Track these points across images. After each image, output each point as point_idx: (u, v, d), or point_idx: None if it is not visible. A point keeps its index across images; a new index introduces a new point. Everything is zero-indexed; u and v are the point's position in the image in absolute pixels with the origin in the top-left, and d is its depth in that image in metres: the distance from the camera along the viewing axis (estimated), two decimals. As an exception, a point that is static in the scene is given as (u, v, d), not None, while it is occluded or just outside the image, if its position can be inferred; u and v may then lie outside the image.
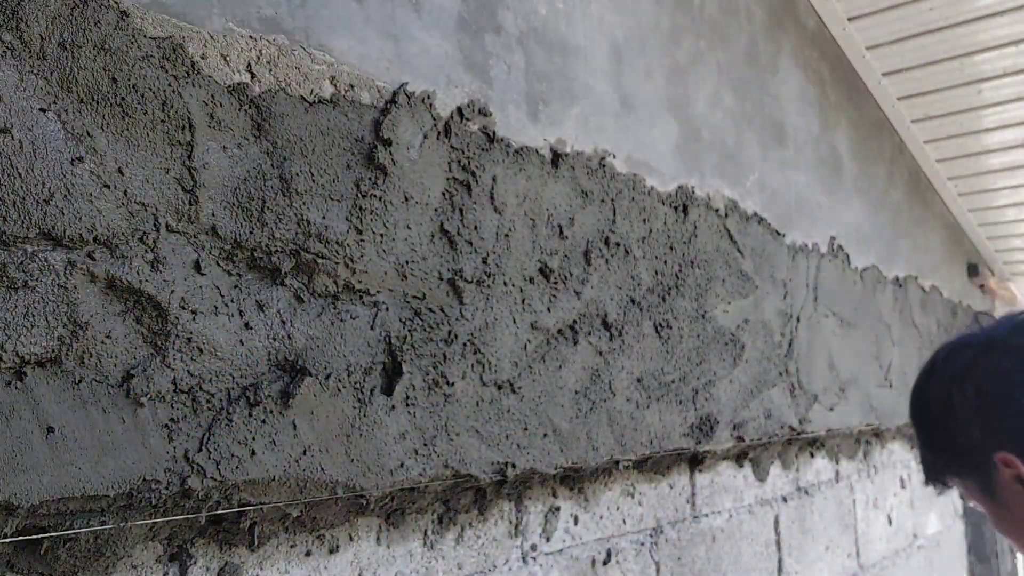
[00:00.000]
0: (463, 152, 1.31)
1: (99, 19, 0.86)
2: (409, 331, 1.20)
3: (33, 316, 0.81)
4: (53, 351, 0.82)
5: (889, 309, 3.11)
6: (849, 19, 2.85)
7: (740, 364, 2.05)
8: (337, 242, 1.10)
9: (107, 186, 0.87)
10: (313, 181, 1.08)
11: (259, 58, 1.03)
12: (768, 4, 2.47)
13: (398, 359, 1.18)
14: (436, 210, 1.25)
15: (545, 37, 1.53)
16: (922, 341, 3.45)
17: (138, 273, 0.89)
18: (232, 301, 0.99)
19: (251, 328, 1.01)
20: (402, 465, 1.16)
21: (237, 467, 0.97)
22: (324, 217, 1.09)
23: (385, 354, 1.17)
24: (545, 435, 1.42)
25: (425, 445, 1.20)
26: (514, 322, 1.38)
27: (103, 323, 0.87)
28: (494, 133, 1.37)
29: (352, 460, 1.10)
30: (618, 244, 1.64)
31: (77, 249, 0.85)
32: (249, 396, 1.00)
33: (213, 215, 0.97)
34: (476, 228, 1.32)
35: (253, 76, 1.02)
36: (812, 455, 2.64)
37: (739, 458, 2.19)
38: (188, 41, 0.95)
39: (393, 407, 1.16)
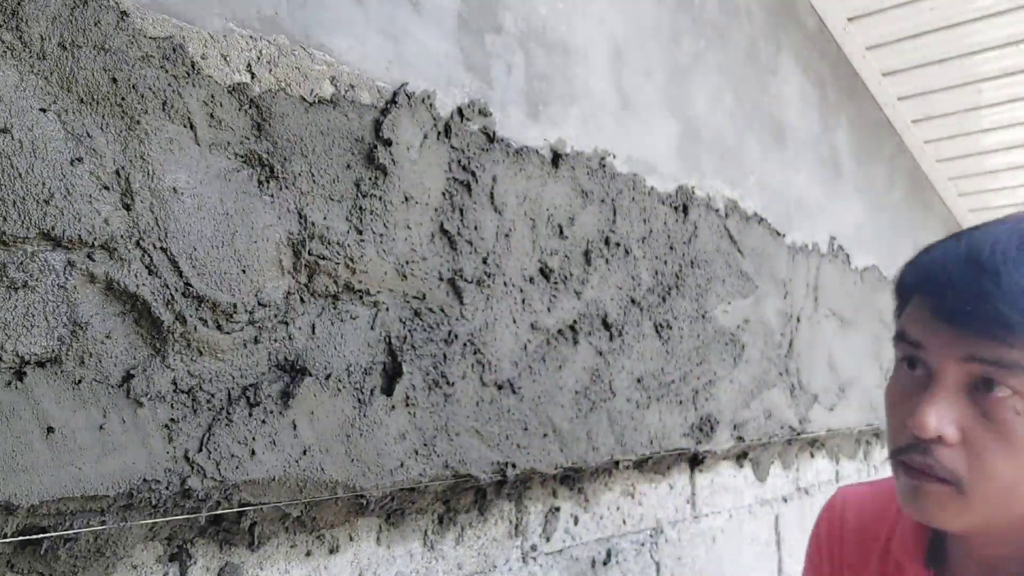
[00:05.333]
0: (463, 152, 1.31)
1: (99, 19, 0.86)
2: (409, 331, 1.20)
3: (33, 316, 0.81)
4: (53, 351, 0.82)
5: (889, 309, 3.11)
6: (849, 19, 2.85)
7: (740, 364, 2.05)
8: (337, 242, 1.10)
9: (106, 187, 0.87)
10: (313, 181, 1.08)
11: (259, 58, 1.03)
12: (768, 4, 2.47)
13: (398, 359, 1.18)
14: (436, 210, 1.25)
15: (545, 37, 1.53)
16: (922, 341, 3.44)
17: (136, 276, 0.89)
18: (232, 301, 0.99)
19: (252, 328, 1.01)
20: (402, 465, 1.16)
21: (237, 467, 0.97)
22: (325, 218, 1.09)
23: (385, 354, 1.17)
24: (545, 435, 1.42)
25: (425, 445, 1.20)
26: (514, 322, 1.38)
27: (103, 323, 0.87)
28: (494, 133, 1.37)
29: (352, 460, 1.10)
30: (618, 244, 1.63)
31: (77, 250, 0.85)
32: (249, 396, 1.00)
33: (213, 215, 0.97)
34: (476, 228, 1.32)
35: (253, 76, 1.02)
36: (812, 455, 2.64)
37: (739, 458, 2.19)
38: (188, 41, 0.95)
39: (393, 407, 1.16)
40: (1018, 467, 0.74)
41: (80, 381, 0.84)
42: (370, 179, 1.15)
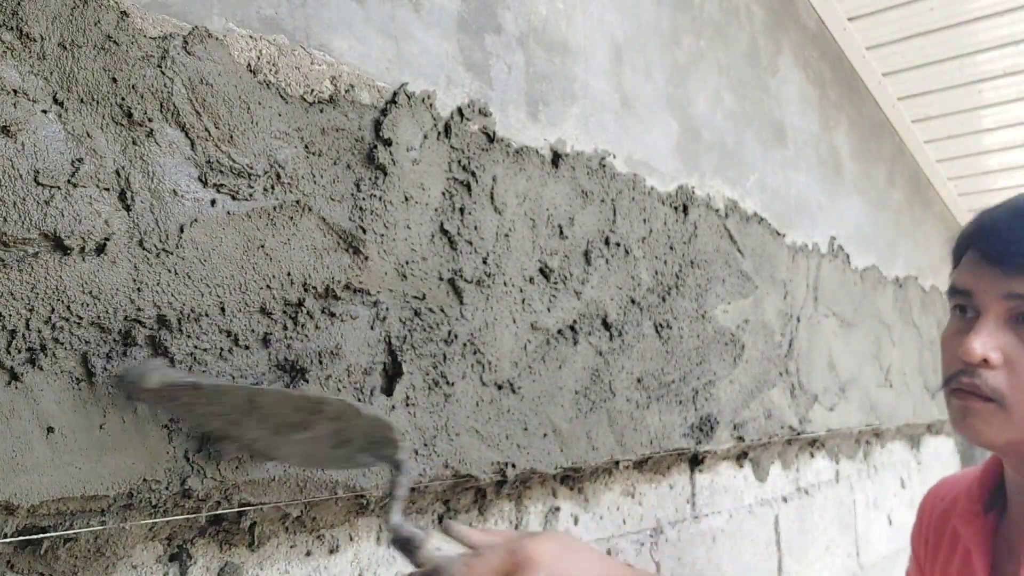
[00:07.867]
0: (463, 152, 1.31)
1: (99, 19, 0.86)
2: (409, 331, 1.20)
3: (33, 316, 0.81)
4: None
5: (889, 309, 3.11)
6: (849, 19, 2.86)
7: (740, 364, 2.05)
8: (337, 242, 1.10)
9: (107, 188, 0.87)
10: (314, 182, 1.08)
11: (259, 58, 1.03)
12: (768, 4, 2.47)
13: (398, 359, 1.18)
14: (436, 210, 1.25)
15: (545, 37, 1.53)
16: (922, 341, 3.45)
17: (138, 273, 0.89)
18: (232, 301, 0.99)
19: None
20: (402, 465, 1.16)
21: (237, 467, 0.97)
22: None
23: (385, 354, 1.17)
24: (545, 435, 1.42)
25: (425, 445, 1.20)
26: (514, 322, 1.38)
27: (103, 323, 0.87)
28: (494, 133, 1.37)
29: (352, 460, 1.10)
30: (618, 244, 1.63)
31: (77, 250, 0.85)
32: (249, 396, 0.99)
33: (213, 215, 0.97)
34: (476, 228, 1.32)
35: (254, 76, 1.02)
36: (812, 455, 2.64)
37: (739, 458, 2.19)
38: (188, 41, 0.95)
39: (393, 407, 1.16)
40: None
41: (80, 381, 0.84)
42: (370, 179, 1.15)
